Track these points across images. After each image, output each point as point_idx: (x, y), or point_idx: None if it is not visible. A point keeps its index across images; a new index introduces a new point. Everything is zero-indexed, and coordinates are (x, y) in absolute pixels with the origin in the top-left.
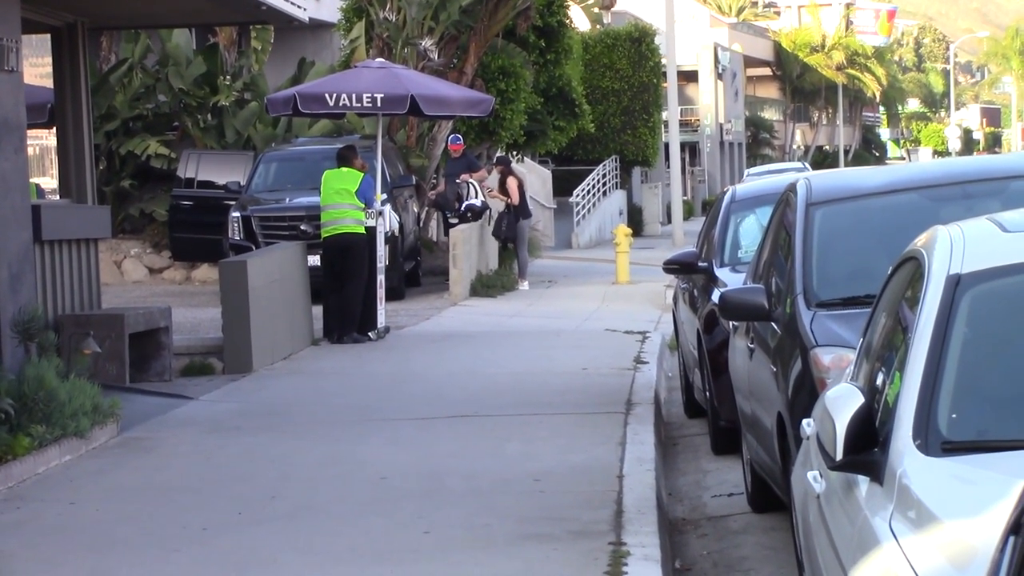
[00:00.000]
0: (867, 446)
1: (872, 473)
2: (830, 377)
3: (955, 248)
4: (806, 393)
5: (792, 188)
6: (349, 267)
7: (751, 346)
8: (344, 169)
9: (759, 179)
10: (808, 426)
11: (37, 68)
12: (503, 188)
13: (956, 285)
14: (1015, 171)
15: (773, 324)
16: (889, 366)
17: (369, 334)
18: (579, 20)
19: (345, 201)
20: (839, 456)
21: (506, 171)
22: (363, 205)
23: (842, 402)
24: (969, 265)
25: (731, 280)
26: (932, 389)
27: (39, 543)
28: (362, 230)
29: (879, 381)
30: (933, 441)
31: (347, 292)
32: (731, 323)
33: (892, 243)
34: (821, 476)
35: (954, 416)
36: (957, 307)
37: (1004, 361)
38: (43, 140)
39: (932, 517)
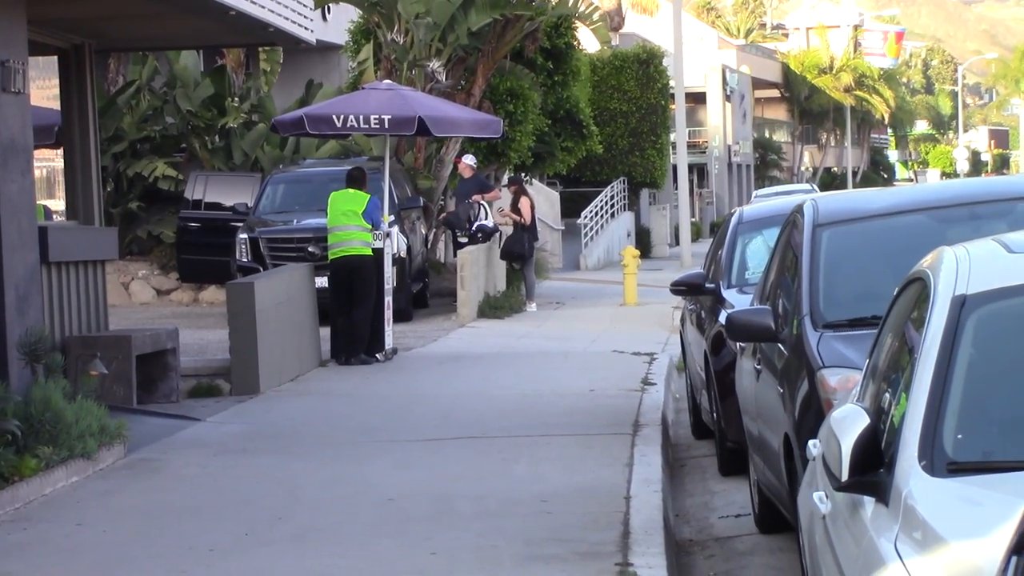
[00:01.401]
0: (873, 467)
1: (878, 494)
2: (837, 398)
3: (961, 269)
4: (813, 414)
5: (799, 209)
6: (357, 289)
7: (758, 367)
8: (351, 190)
9: (767, 200)
10: (814, 447)
11: (44, 90)
12: (515, 208)
13: (962, 306)
14: (1022, 192)
15: (780, 345)
16: (895, 387)
17: (377, 355)
18: (587, 41)
19: (352, 223)
20: (845, 477)
21: (519, 191)
22: (370, 226)
23: (848, 423)
24: (975, 286)
25: (738, 301)
26: (938, 410)
27: (45, 565)
28: (369, 252)
29: (885, 402)
30: (939, 462)
31: (355, 314)
32: (738, 344)
33: (899, 264)
34: (827, 497)
35: (960, 437)
36: (963, 328)
37: (1010, 382)
38: (51, 162)
39: (937, 538)
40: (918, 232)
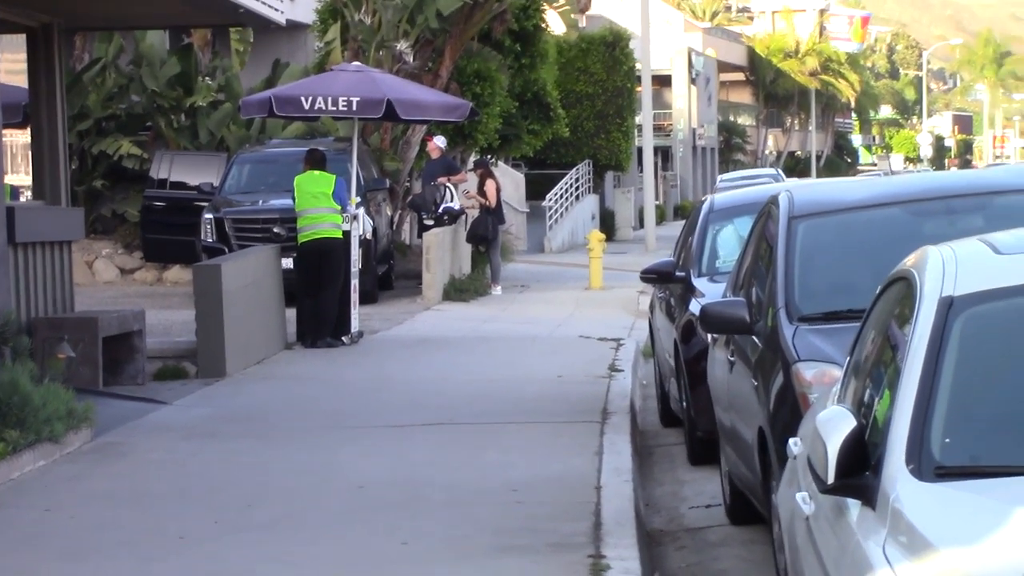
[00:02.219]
0: (859, 470)
1: (864, 497)
2: (812, 392)
3: (947, 270)
4: (788, 408)
5: (774, 200)
6: (327, 272)
7: (731, 358)
8: (316, 172)
9: (732, 185)
10: (795, 445)
11: (9, 65)
12: (481, 191)
13: (949, 307)
14: (998, 186)
15: (754, 338)
16: (878, 384)
17: (343, 338)
18: (554, 24)
19: (323, 205)
20: (831, 480)
21: (485, 173)
22: (340, 208)
23: (833, 425)
24: (962, 287)
25: (709, 290)
26: (925, 413)
27: (13, 551)
28: (340, 234)
29: (868, 399)
30: (926, 466)
31: (323, 296)
32: (710, 335)
33: (875, 258)
34: (810, 498)
35: (947, 441)
36: (950, 330)
37: (997, 385)
38: (16, 138)
39: (926, 543)
40: (894, 226)
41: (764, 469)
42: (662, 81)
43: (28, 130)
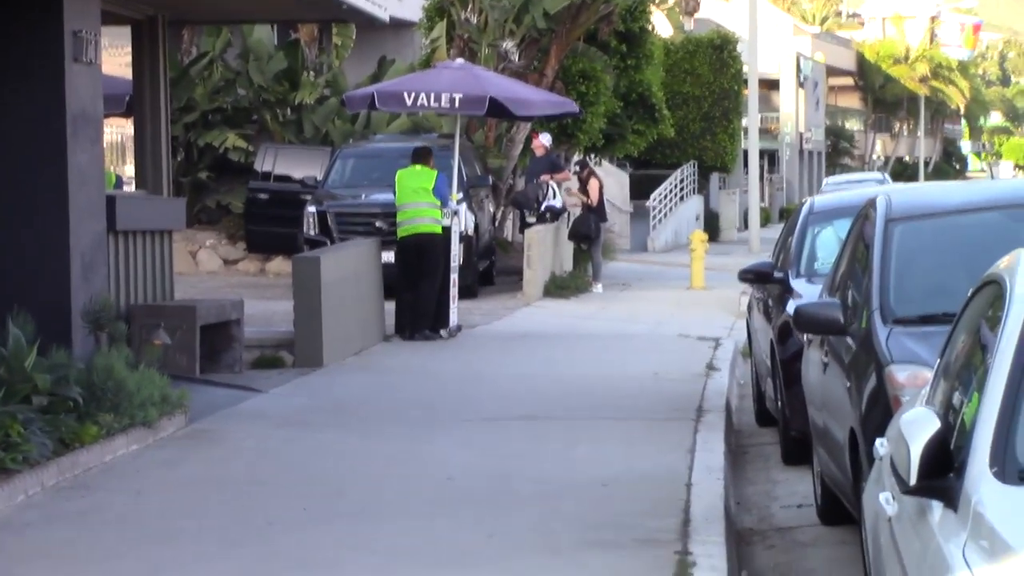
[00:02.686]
0: (942, 471)
1: (947, 499)
2: (905, 395)
3: None
4: (880, 410)
5: (872, 203)
6: (425, 265)
7: (825, 359)
8: (418, 167)
9: (838, 188)
10: (882, 446)
11: (117, 58)
12: (584, 189)
13: None
14: None
15: (848, 339)
16: (967, 387)
17: (441, 332)
18: (661, 26)
19: (422, 200)
20: (913, 481)
21: (589, 172)
22: (439, 203)
23: (918, 426)
24: None
25: (806, 291)
26: (1011, 415)
27: (103, 532)
28: (439, 229)
29: (956, 401)
30: (1010, 469)
31: (422, 290)
32: (806, 335)
33: (972, 262)
34: (893, 498)
35: None
36: None
37: None
38: (125, 128)
39: (1007, 547)
40: (992, 230)
41: (855, 470)
42: (770, 85)
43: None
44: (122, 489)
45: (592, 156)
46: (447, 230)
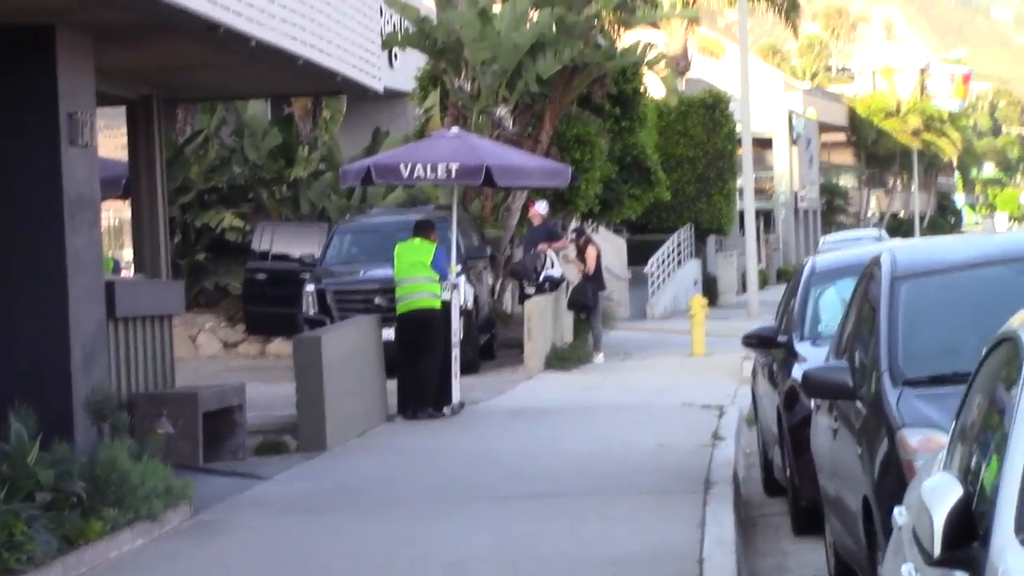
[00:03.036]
0: (967, 540)
1: (972, 569)
2: (918, 459)
3: None
4: (893, 476)
5: (876, 261)
6: (425, 342)
7: (835, 425)
8: (417, 240)
9: (835, 247)
10: (900, 515)
11: (113, 140)
12: (582, 257)
13: None
14: None
15: (858, 403)
16: (985, 450)
17: (444, 410)
18: (653, 86)
19: (420, 274)
20: (937, 552)
21: (586, 240)
22: (438, 277)
23: (940, 493)
24: None
25: (812, 355)
26: None
27: None
28: (438, 304)
29: (975, 466)
30: None
31: (423, 367)
32: (814, 400)
33: (981, 319)
34: (916, 571)
35: None
36: None
37: None
38: (122, 211)
39: None
40: (1001, 285)
41: (869, 540)
42: (763, 143)
43: (129, 203)
44: None
45: (589, 222)
46: (447, 305)
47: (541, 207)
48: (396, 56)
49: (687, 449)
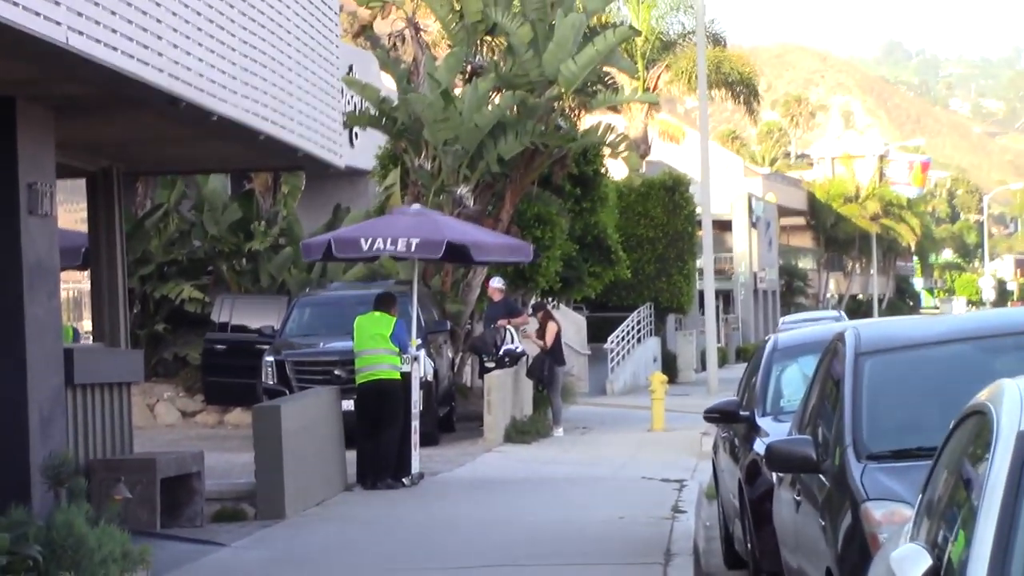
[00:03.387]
0: None
1: None
2: (882, 532)
3: None
4: (856, 548)
5: (840, 337)
6: (385, 413)
7: (797, 498)
8: (377, 313)
9: (795, 327)
10: None
11: (72, 213)
12: (542, 332)
13: None
14: None
15: (821, 476)
16: (952, 524)
17: (403, 480)
18: (615, 168)
19: (380, 346)
20: None
21: (546, 316)
22: (398, 349)
23: (909, 563)
24: None
25: (774, 430)
26: (1004, 552)
27: None
28: (397, 375)
29: (941, 539)
30: None
31: (382, 438)
32: (776, 474)
33: (945, 395)
34: None
35: None
36: None
37: None
38: (80, 283)
39: None
40: (964, 362)
41: None
42: (722, 225)
43: (88, 274)
44: None
45: (550, 300)
46: (406, 376)
47: (496, 282)
48: (357, 135)
49: (647, 521)
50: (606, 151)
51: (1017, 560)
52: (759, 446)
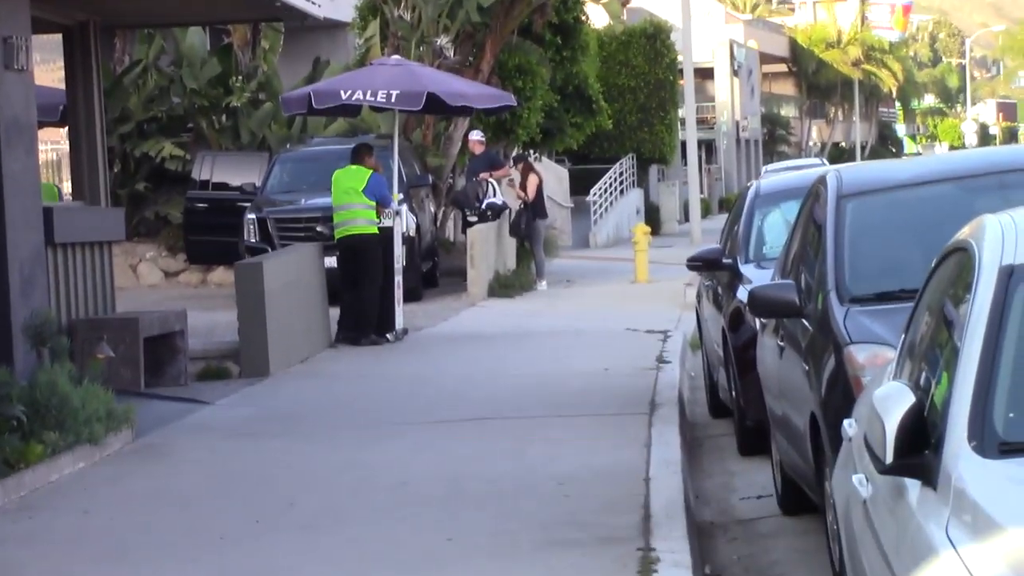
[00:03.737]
0: (919, 448)
1: (925, 477)
2: (865, 375)
3: (1007, 237)
4: (840, 392)
5: (822, 181)
6: (363, 268)
7: (781, 344)
8: (353, 167)
9: (778, 175)
10: (850, 427)
11: (51, 72)
12: (524, 185)
13: (1010, 276)
14: None
15: (804, 321)
16: (935, 365)
17: (387, 336)
18: (595, 16)
19: (355, 201)
20: (889, 459)
21: (527, 167)
22: (374, 203)
23: (892, 401)
24: (1023, 255)
25: (757, 276)
26: (987, 387)
27: (51, 554)
28: (374, 230)
29: (925, 381)
30: (990, 442)
31: (363, 293)
32: (759, 320)
33: (927, 236)
34: (867, 480)
35: (1011, 416)
36: (1012, 299)
37: None
38: (60, 144)
39: (992, 523)
40: (946, 202)
41: (816, 456)
42: (704, 74)
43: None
44: (70, 508)
45: (531, 152)
46: (387, 231)
47: (476, 135)
48: None
49: (632, 373)
50: None
51: (999, 397)
52: (742, 293)
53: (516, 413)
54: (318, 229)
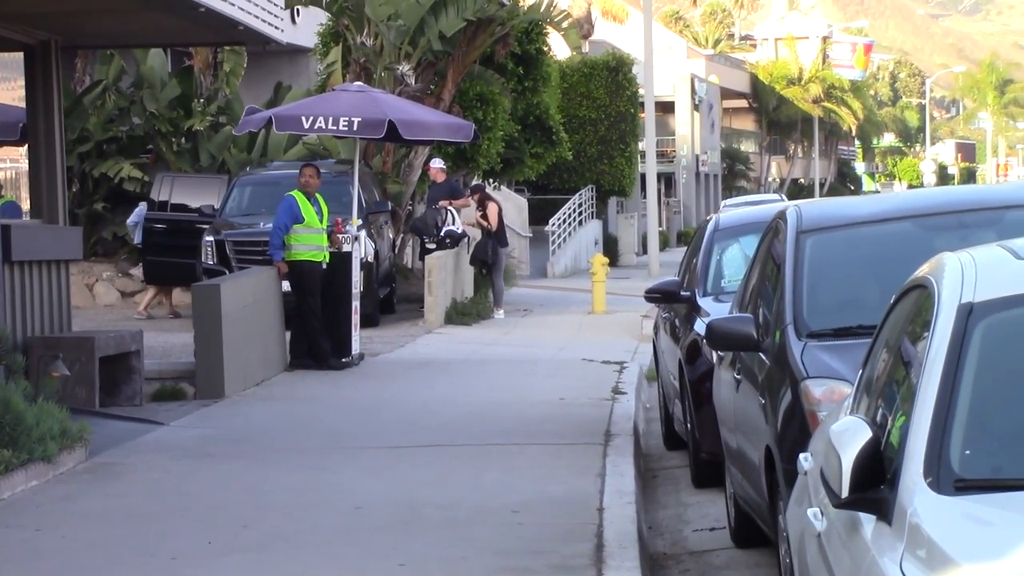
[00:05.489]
0: (875, 483)
1: (880, 512)
2: (822, 410)
3: (967, 275)
4: (796, 426)
5: (782, 215)
6: (299, 294)
7: (737, 377)
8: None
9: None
10: (805, 461)
11: (11, 91)
12: (483, 214)
13: (968, 314)
14: (1010, 201)
15: (761, 355)
16: (892, 401)
17: (343, 360)
18: (558, 47)
19: (299, 227)
20: (845, 493)
21: (484, 197)
22: (321, 228)
23: (849, 436)
24: (981, 293)
25: (714, 309)
26: (944, 424)
27: (2, 571)
28: (306, 256)
29: (880, 416)
30: (945, 479)
31: (302, 322)
32: (716, 354)
33: (885, 273)
34: (822, 514)
35: (967, 453)
36: (969, 337)
37: (1019, 395)
38: (19, 163)
39: (946, 559)
40: (905, 240)
41: (771, 490)
42: (665, 107)
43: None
44: (22, 526)
45: (491, 181)
46: (346, 256)
47: (437, 163)
48: (299, 12)
49: (587, 403)
50: (549, 29)
51: (956, 433)
52: (699, 326)
53: (472, 440)
54: None
